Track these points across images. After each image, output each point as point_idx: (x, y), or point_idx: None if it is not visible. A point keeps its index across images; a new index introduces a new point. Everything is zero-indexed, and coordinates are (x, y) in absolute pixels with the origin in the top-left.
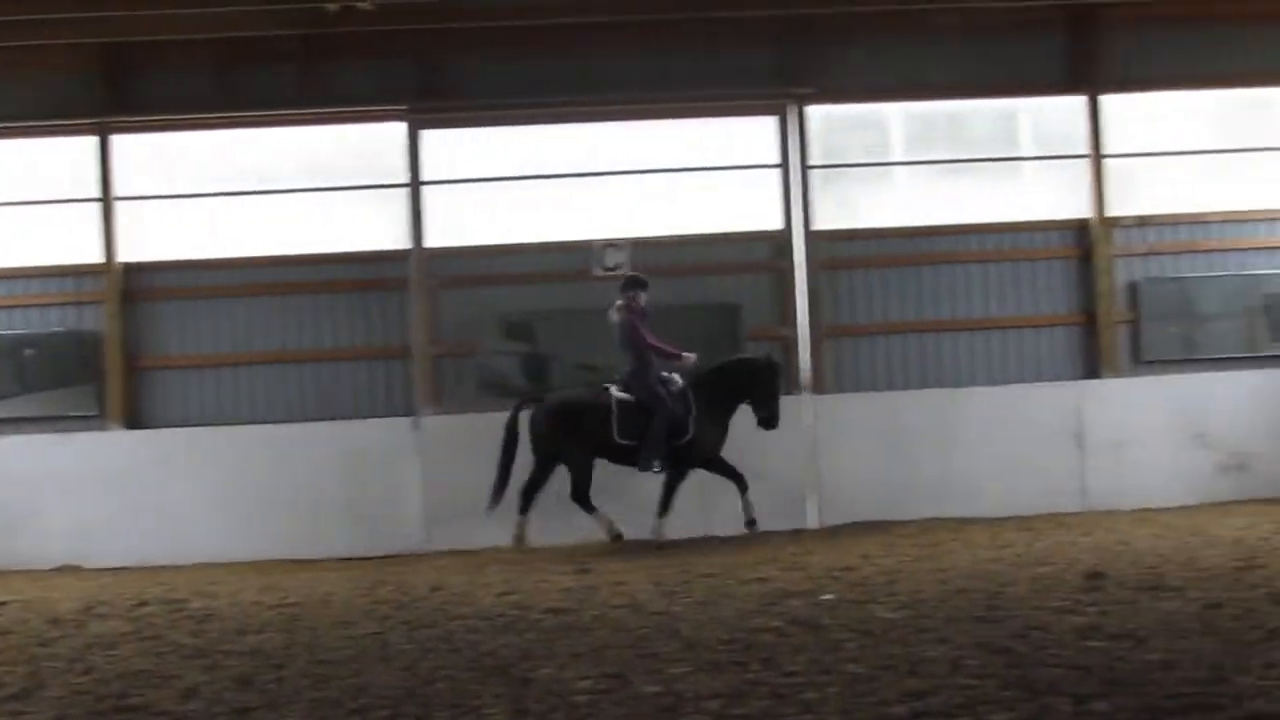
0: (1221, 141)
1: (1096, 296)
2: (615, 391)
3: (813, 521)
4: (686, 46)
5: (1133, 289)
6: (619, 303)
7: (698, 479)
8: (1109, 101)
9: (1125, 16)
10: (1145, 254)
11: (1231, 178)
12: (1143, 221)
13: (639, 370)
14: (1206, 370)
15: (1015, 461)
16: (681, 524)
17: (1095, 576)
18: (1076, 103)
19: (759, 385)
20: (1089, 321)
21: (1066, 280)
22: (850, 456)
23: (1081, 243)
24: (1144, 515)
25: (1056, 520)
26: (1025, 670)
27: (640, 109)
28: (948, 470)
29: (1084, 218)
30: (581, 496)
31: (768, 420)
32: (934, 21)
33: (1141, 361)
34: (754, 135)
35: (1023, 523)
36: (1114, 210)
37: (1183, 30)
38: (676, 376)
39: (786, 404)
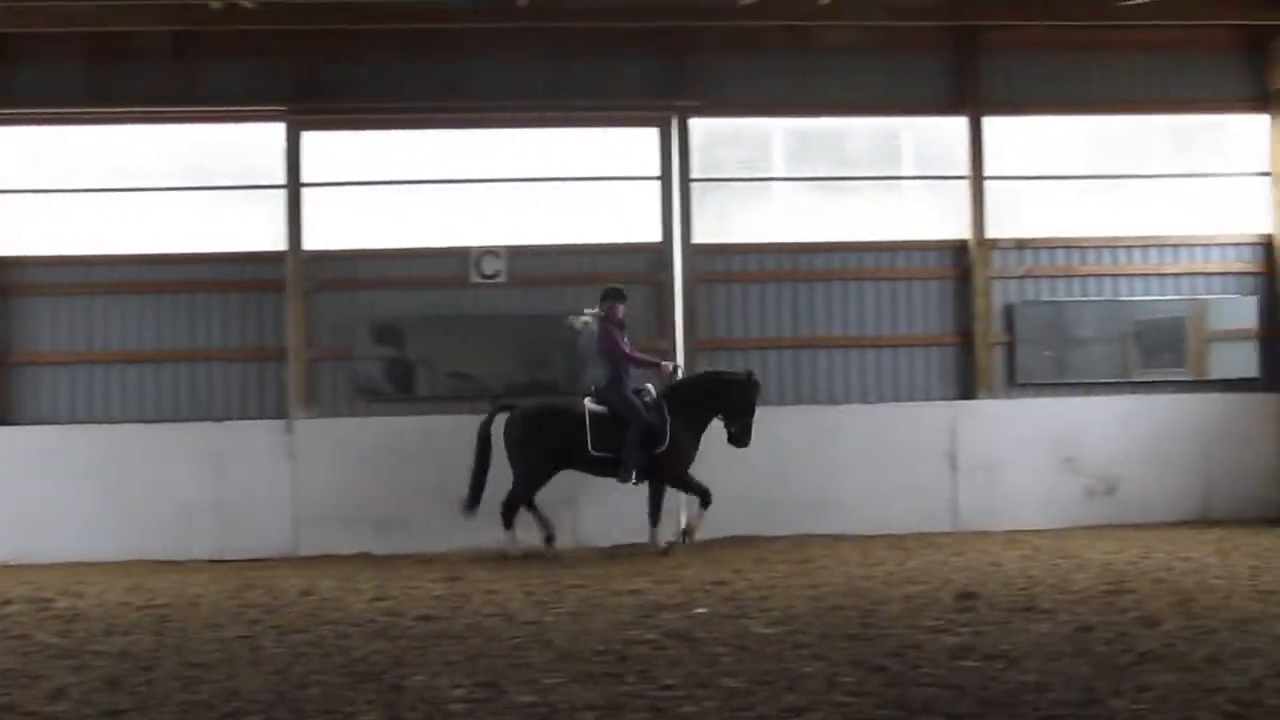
0: (1099, 166)
1: (973, 318)
2: (589, 403)
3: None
4: (571, 55)
5: (1009, 311)
6: (594, 311)
7: (566, 486)
8: (991, 123)
9: (1008, 40)
10: (1022, 276)
11: (1108, 203)
12: (1021, 244)
13: (613, 380)
14: (1079, 394)
15: (888, 480)
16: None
17: (967, 597)
18: (958, 124)
19: (735, 400)
20: (965, 342)
21: (944, 301)
22: (723, 471)
23: (960, 264)
24: (1015, 537)
25: (928, 540)
26: (901, 689)
27: (522, 116)
28: (821, 487)
29: (963, 239)
30: (512, 505)
31: (739, 436)
32: (820, 39)
33: (1016, 384)
34: (636, 147)
35: (894, 541)
36: (993, 232)
37: (1064, 55)
38: (650, 386)
39: None
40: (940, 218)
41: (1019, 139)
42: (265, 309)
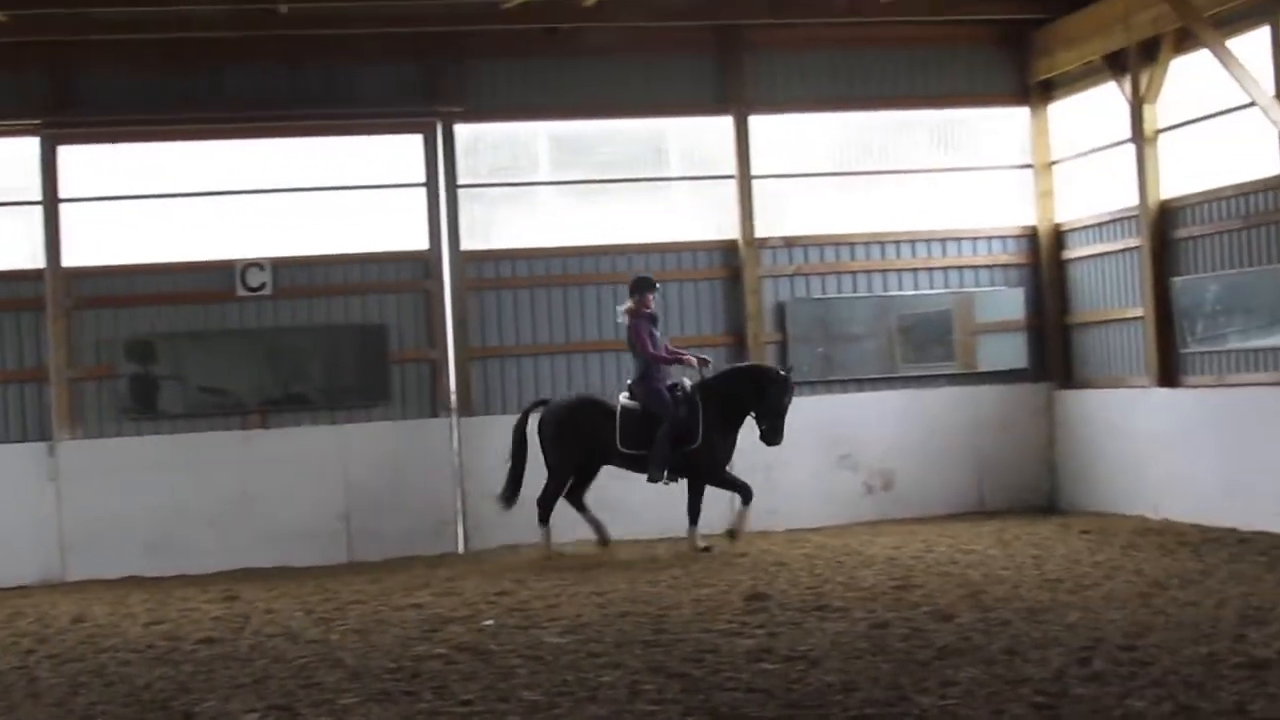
0: (865, 163)
1: (745, 317)
2: (624, 399)
3: (460, 546)
4: (332, 63)
5: (780, 309)
6: (627, 305)
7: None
8: (756, 122)
9: (771, 39)
10: (792, 275)
11: (874, 198)
12: (789, 242)
13: (643, 375)
14: (852, 390)
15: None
16: (324, 551)
17: (758, 598)
18: (724, 123)
19: (769, 397)
20: (738, 342)
21: (715, 301)
22: (498, 479)
23: (729, 263)
24: (796, 535)
25: (711, 541)
26: (705, 694)
27: (284, 126)
28: (601, 491)
29: (732, 239)
30: (544, 502)
31: (770, 434)
32: (584, 42)
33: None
34: (401, 154)
35: (676, 544)
36: (761, 231)
37: (827, 52)
38: (686, 380)
39: (433, 427)
40: (709, 218)
41: (785, 137)
42: (24, 328)
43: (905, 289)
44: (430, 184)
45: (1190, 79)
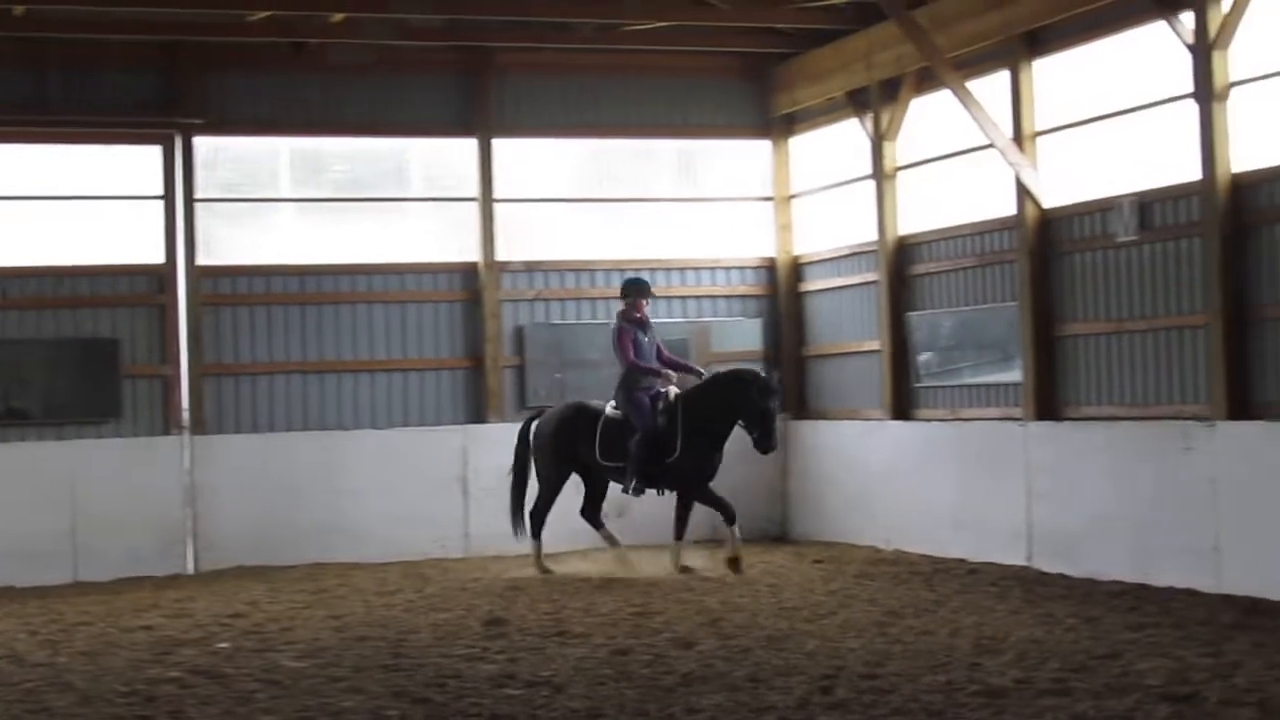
0: (609, 190)
1: (484, 340)
2: (609, 408)
3: (190, 566)
4: (69, 69)
5: (519, 333)
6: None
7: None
8: (501, 146)
9: (519, 63)
10: (532, 299)
11: (617, 226)
12: (530, 267)
13: (624, 382)
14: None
15: (401, 505)
16: (48, 571)
17: (496, 623)
18: (468, 145)
19: (750, 402)
20: (476, 365)
21: (454, 323)
22: (231, 499)
23: (470, 286)
24: (529, 560)
25: (442, 566)
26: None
27: (19, 131)
28: (333, 514)
29: (473, 261)
30: (534, 514)
31: (761, 441)
32: (331, 58)
33: (526, 406)
34: (138, 164)
35: (409, 567)
36: (503, 255)
37: (575, 79)
38: (672, 389)
39: (164, 444)
40: (451, 240)
41: (529, 161)
42: None
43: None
44: (168, 196)
45: (930, 118)
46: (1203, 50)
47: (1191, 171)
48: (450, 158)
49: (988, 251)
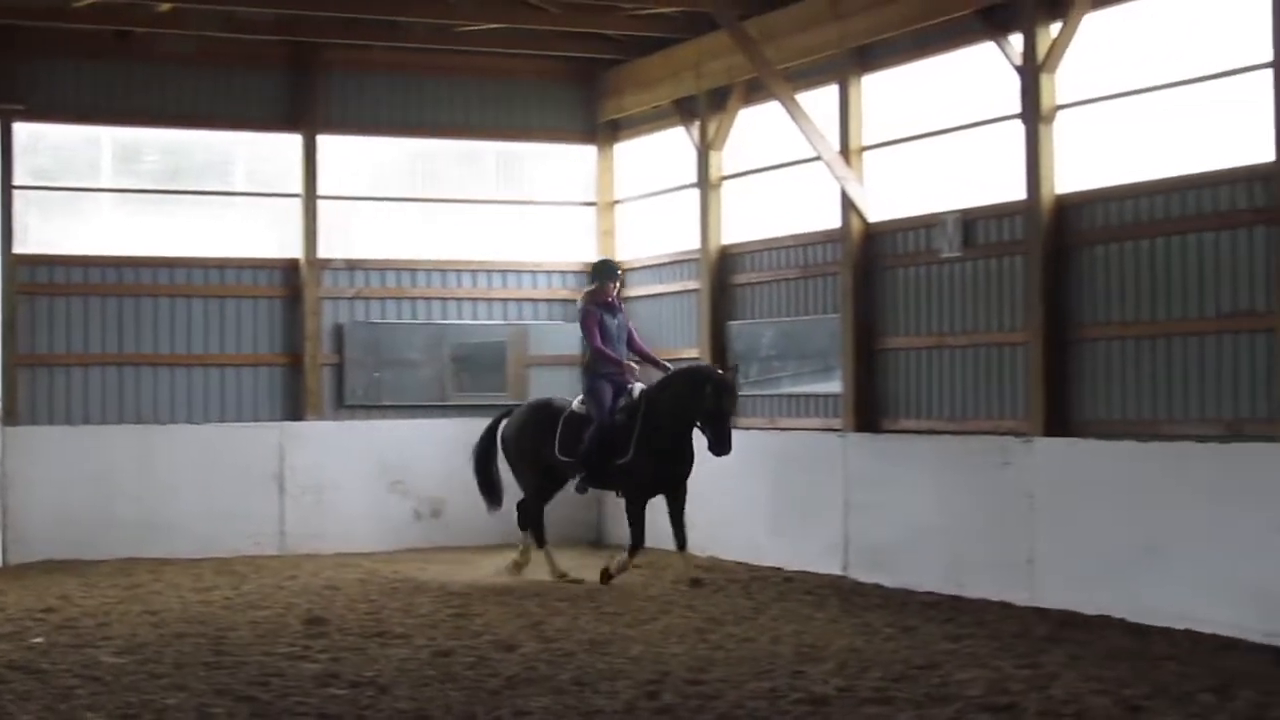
0: (434, 190)
1: (303, 338)
2: (575, 403)
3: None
4: None
5: (339, 332)
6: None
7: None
8: (326, 142)
9: (346, 60)
10: (353, 297)
11: (440, 227)
12: (351, 265)
13: (586, 366)
14: (406, 417)
15: (216, 502)
16: None
17: (316, 622)
18: (293, 141)
19: (704, 399)
20: (294, 362)
21: (273, 320)
22: (42, 491)
23: (290, 283)
24: (345, 559)
25: (257, 563)
26: (275, 719)
27: None
28: (147, 508)
29: (294, 258)
30: (520, 508)
31: (713, 443)
32: (157, 48)
33: (344, 405)
34: None
35: (223, 564)
36: (325, 252)
37: (403, 78)
38: (638, 386)
39: None
40: (272, 236)
41: (355, 159)
42: None
43: (464, 318)
44: None
45: (758, 129)
46: (1031, 72)
47: (1016, 191)
48: (275, 153)
49: (811, 263)
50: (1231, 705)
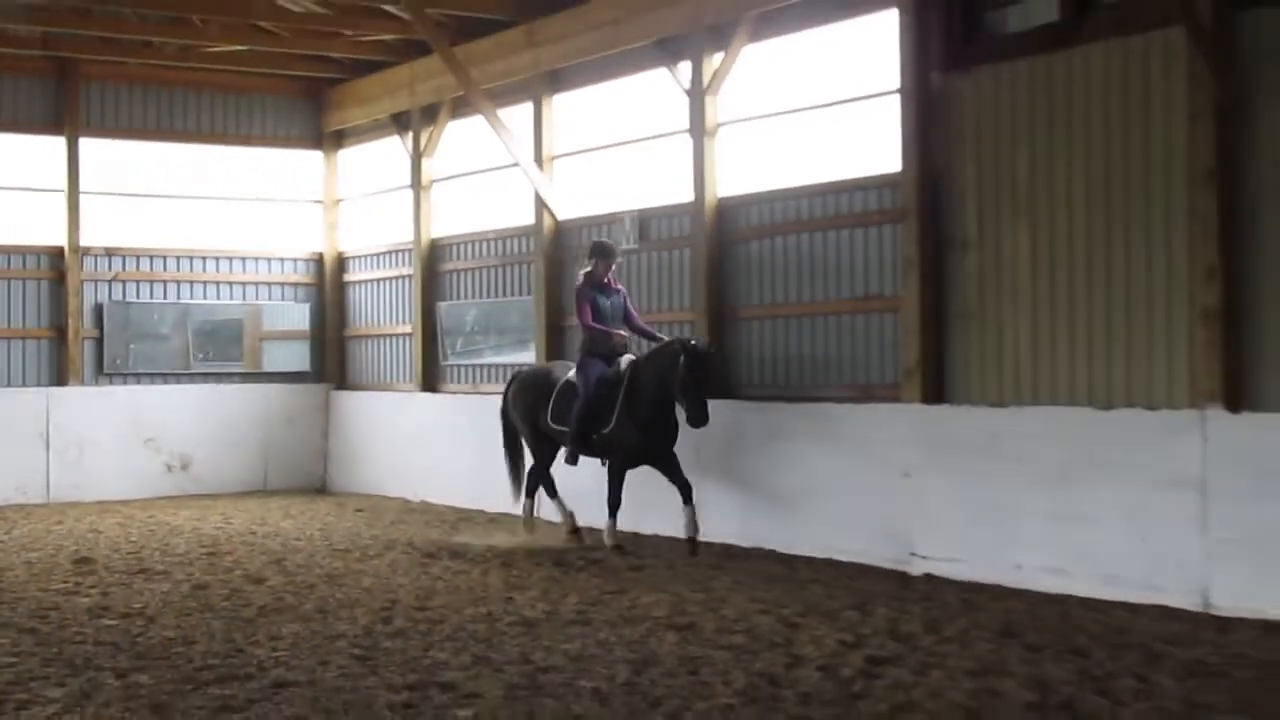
0: (185, 188)
1: (67, 315)
2: (571, 374)
3: None
4: None
5: (99, 310)
6: (583, 270)
7: None
8: (89, 144)
9: (106, 72)
10: (111, 280)
11: (190, 219)
12: (110, 252)
13: (581, 344)
14: (157, 383)
15: None
16: None
17: (84, 561)
18: (58, 143)
19: (679, 371)
20: (60, 336)
21: (41, 299)
22: None
23: (56, 267)
24: (105, 507)
25: (25, 510)
26: (59, 648)
27: None
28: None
29: (59, 245)
30: (532, 473)
31: (690, 416)
32: None
33: (104, 373)
34: None
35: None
36: (87, 240)
37: (158, 89)
38: (627, 358)
39: None
40: (39, 226)
41: (114, 159)
42: None
43: (207, 298)
44: None
45: (464, 139)
46: (697, 95)
47: (685, 194)
48: (41, 153)
49: (509, 254)
50: (870, 619)
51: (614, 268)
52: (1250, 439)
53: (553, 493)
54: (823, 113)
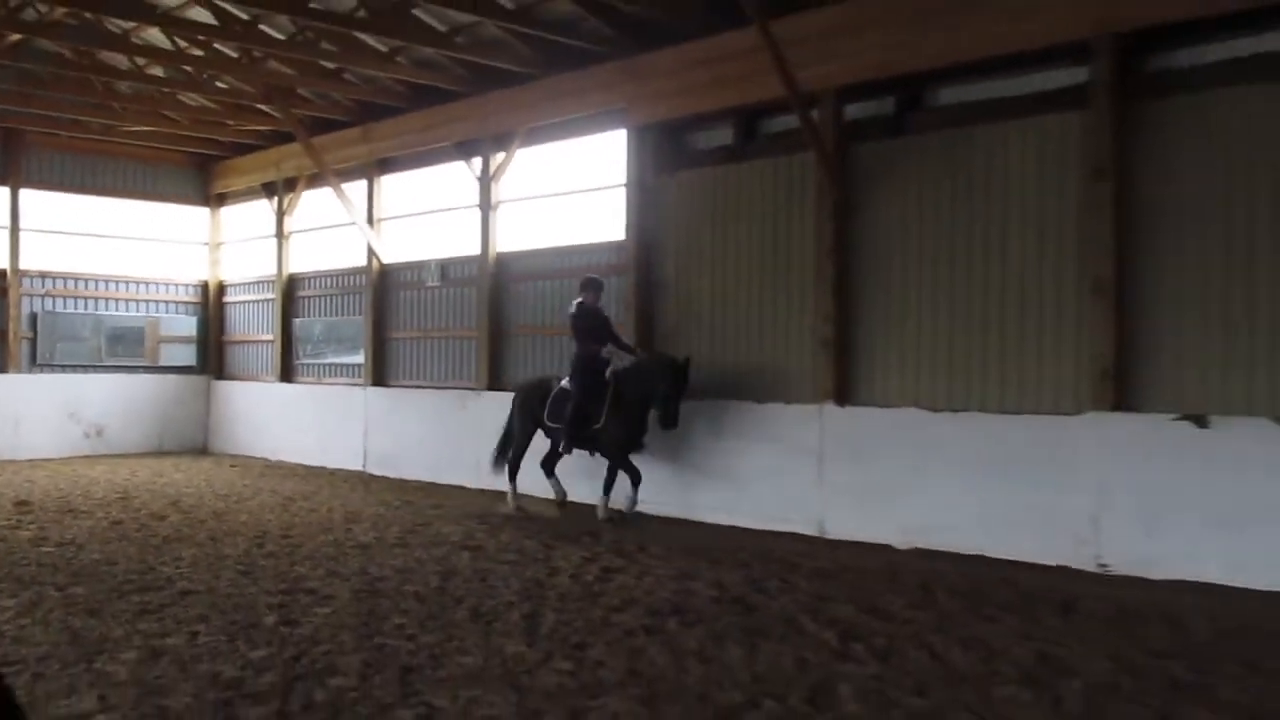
0: (107, 229)
1: (9, 320)
2: (564, 382)
3: None
4: None
5: (34, 318)
6: (578, 300)
7: None
8: (29, 195)
9: (42, 141)
10: (44, 295)
11: (109, 253)
12: (44, 274)
13: (575, 358)
14: (80, 373)
15: None
16: None
17: (23, 504)
18: (4, 191)
19: (661, 383)
20: (3, 337)
21: None
22: None
23: (1, 285)
24: (36, 464)
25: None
26: (8, 569)
27: None
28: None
29: (4, 268)
30: (511, 460)
31: (662, 419)
32: None
33: (36, 364)
34: None
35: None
36: (25, 265)
37: (88, 154)
38: (613, 366)
39: None
40: None
41: (51, 206)
42: None
43: (118, 311)
44: None
45: (317, 203)
46: (485, 181)
47: (474, 249)
48: None
49: (347, 285)
50: (601, 541)
51: (598, 298)
52: (850, 424)
53: (513, 475)
54: (572, 197)
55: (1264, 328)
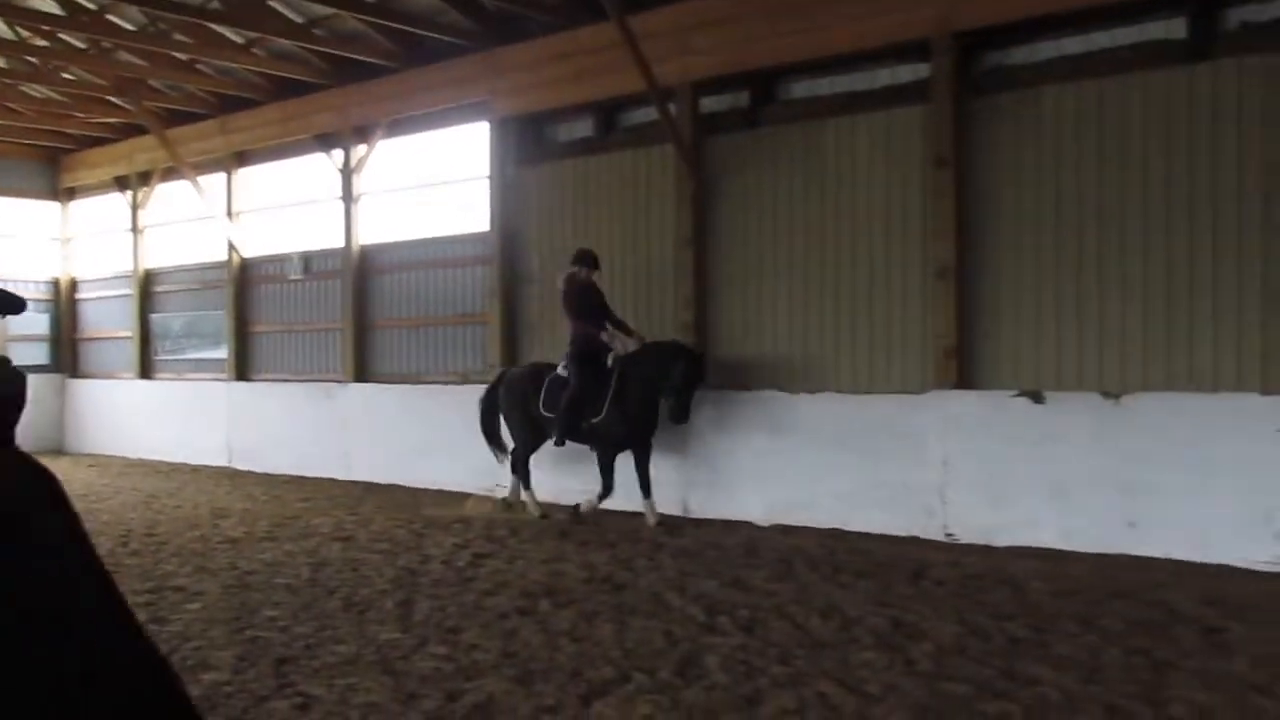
0: None
1: None
2: (560, 369)
3: None
4: None
5: None
6: (568, 273)
7: None
8: None
9: None
10: None
11: None
12: None
13: (572, 339)
14: None
15: None
16: None
17: None
18: None
19: (672, 374)
20: None
21: None
22: None
23: None
24: None
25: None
26: None
27: None
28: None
29: None
30: (515, 462)
31: (673, 412)
32: None
33: None
34: None
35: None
36: None
37: None
38: (614, 352)
39: None
40: None
41: None
42: None
43: None
44: None
45: (175, 196)
46: (347, 173)
47: (338, 241)
48: None
49: (208, 280)
50: (472, 528)
51: (590, 274)
52: (710, 406)
53: (528, 484)
54: (435, 189)
55: (1092, 309)
